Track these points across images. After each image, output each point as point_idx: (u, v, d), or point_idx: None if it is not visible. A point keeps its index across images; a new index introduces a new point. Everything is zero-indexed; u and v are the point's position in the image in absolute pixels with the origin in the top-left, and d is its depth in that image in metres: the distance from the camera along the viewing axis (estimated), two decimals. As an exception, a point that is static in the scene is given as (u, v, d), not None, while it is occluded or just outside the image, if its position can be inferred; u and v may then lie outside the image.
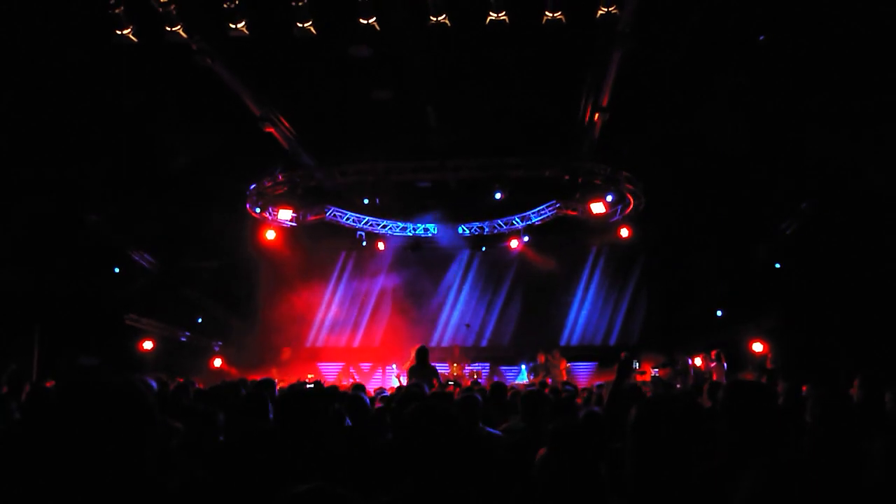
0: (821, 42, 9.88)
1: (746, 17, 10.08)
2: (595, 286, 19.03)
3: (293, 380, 14.41)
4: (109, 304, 14.89)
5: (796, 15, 9.79)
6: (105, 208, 14.19)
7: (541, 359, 15.54)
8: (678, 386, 10.15)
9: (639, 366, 14.13)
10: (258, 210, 16.69)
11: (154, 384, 6.46)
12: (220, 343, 17.64)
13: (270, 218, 17.00)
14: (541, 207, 17.65)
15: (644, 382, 12.79)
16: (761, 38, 10.25)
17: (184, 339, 17.24)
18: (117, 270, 16.09)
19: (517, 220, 18.00)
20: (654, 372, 14.24)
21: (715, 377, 13.14)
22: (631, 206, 16.60)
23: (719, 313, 16.45)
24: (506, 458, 4.20)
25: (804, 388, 7.33)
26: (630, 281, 18.89)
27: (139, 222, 14.99)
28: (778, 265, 14.55)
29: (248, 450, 3.53)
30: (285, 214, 16.76)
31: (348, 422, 5.06)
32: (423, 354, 10.01)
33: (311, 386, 8.90)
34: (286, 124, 13.75)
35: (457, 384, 13.85)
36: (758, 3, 9.86)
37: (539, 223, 17.97)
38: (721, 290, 15.89)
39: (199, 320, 17.86)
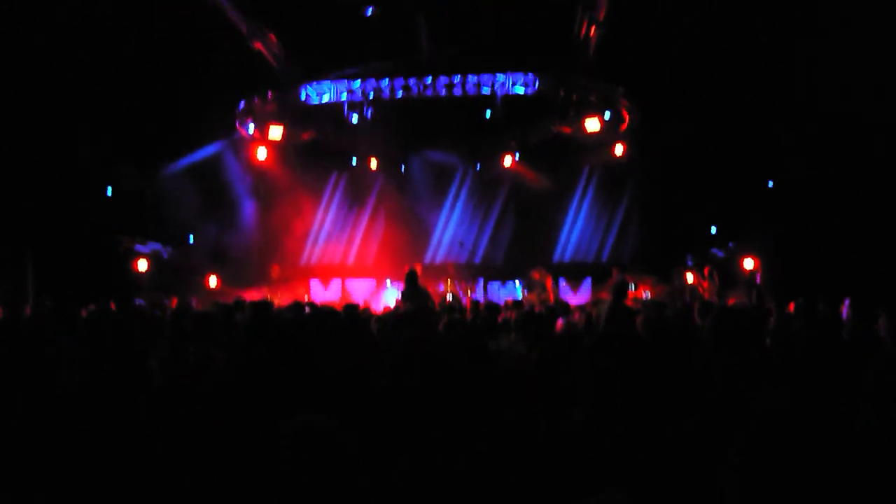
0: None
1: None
2: (588, 203, 18.98)
3: (286, 298, 14.50)
4: (101, 225, 14.82)
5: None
6: (95, 133, 13.93)
7: (535, 275, 15.66)
8: (677, 304, 10.22)
9: (635, 288, 14.16)
10: (248, 129, 16.43)
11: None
12: (211, 260, 17.56)
13: (261, 136, 16.75)
14: (534, 124, 17.44)
15: (637, 299, 12.95)
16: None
17: (177, 259, 17.23)
18: (109, 193, 15.94)
19: (510, 137, 17.80)
20: (644, 294, 14.34)
21: (707, 295, 13.33)
22: (626, 123, 16.40)
23: (713, 230, 16.49)
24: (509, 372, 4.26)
25: (791, 306, 7.45)
26: (623, 198, 18.82)
27: (127, 144, 14.76)
28: (770, 183, 14.52)
29: (245, 382, 3.57)
30: (276, 132, 16.41)
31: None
32: (412, 278, 9.82)
33: (308, 308, 8.95)
34: (274, 41, 13.43)
35: (455, 300, 13.95)
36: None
37: (533, 141, 17.79)
38: (714, 207, 15.88)
39: (191, 239, 17.82)
